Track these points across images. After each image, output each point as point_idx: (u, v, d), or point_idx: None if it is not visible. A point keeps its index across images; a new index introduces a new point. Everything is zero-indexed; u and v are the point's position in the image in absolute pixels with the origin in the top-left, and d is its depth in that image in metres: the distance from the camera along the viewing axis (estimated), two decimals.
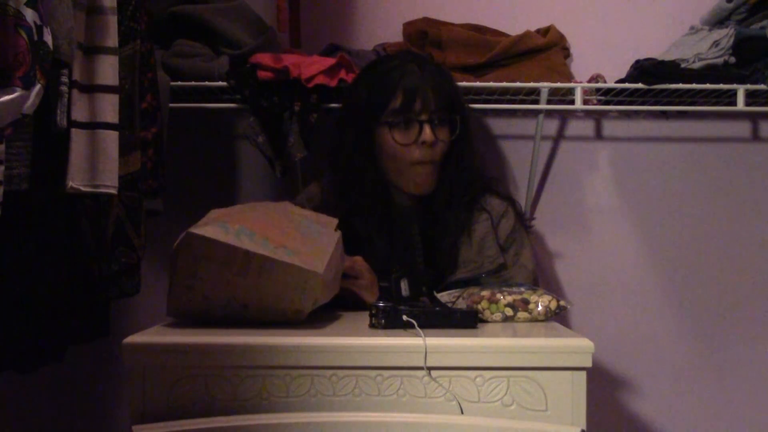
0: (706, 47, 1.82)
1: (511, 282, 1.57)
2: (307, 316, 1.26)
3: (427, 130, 1.60)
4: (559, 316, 1.40)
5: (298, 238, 1.32)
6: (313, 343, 1.16)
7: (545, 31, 1.98)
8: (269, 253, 1.21)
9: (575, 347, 1.17)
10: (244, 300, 1.24)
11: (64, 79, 1.27)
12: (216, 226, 1.24)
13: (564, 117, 2.06)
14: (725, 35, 1.81)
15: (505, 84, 1.84)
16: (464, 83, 1.81)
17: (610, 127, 2.08)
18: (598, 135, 2.08)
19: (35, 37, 1.14)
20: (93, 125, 1.33)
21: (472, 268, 1.61)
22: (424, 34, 1.95)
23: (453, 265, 1.61)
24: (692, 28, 1.94)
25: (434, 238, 1.61)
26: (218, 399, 1.15)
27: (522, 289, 1.40)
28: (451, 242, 1.62)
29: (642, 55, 1.89)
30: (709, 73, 1.81)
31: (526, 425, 1.14)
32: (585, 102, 1.90)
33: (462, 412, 1.15)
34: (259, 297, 1.24)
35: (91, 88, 1.34)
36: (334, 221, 1.46)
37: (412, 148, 1.61)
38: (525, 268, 1.66)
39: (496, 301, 1.36)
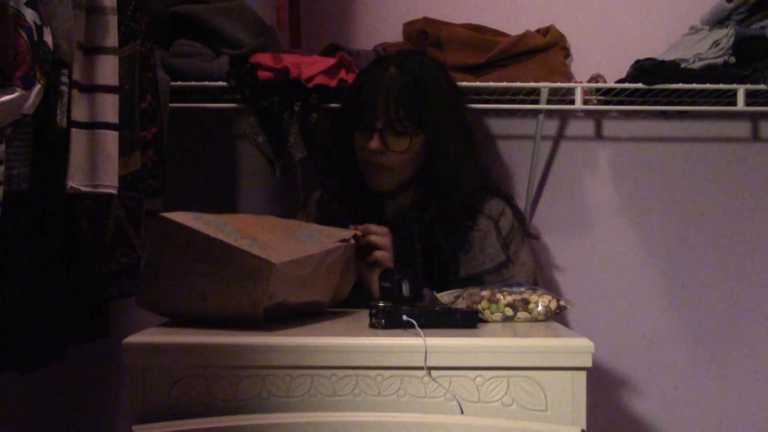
0: (706, 47, 1.82)
1: (511, 281, 1.57)
2: (266, 315, 1.23)
3: (374, 139, 1.61)
4: (559, 316, 1.40)
5: (281, 237, 1.31)
6: (313, 343, 1.16)
7: (545, 31, 1.98)
8: (230, 240, 1.21)
9: (575, 347, 1.17)
10: (203, 289, 1.24)
11: (64, 79, 1.27)
12: (189, 215, 1.25)
13: (564, 117, 2.06)
14: (725, 35, 1.81)
15: (505, 84, 1.84)
16: (464, 83, 1.81)
17: (610, 127, 2.08)
18: (598, 135, 2.08)
19: (35, 37, 1.14)
20: (93, 125, 1.34)
21: (472, 266, 1.61)
22: (424, 34, 1.95)
23: (454, 266, 1.61)
24: (692, 28, 1.94)
25: (433, 244, 1.60)
26: (218, 399, 1.15)
27: (522, 289, 1.40)
28: (449, 250, 1.62)
29: (642, 55, 1.89)
30: (709, 73, 1.81)
31: (526, 425, 1.14)
32: (585, 102, 1.90)
33: (462, 412, 1.15)
34: (217, 285, 1.23)
35: (91, 88, 1.34)
36: (346, 233, 1.45)
37: (365, 151, 1.63)
38: (525, 265, 1.66)
39: (496, 301, 1.36)
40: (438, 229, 1.61)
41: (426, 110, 1.61)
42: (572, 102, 1.87)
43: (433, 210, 1.62)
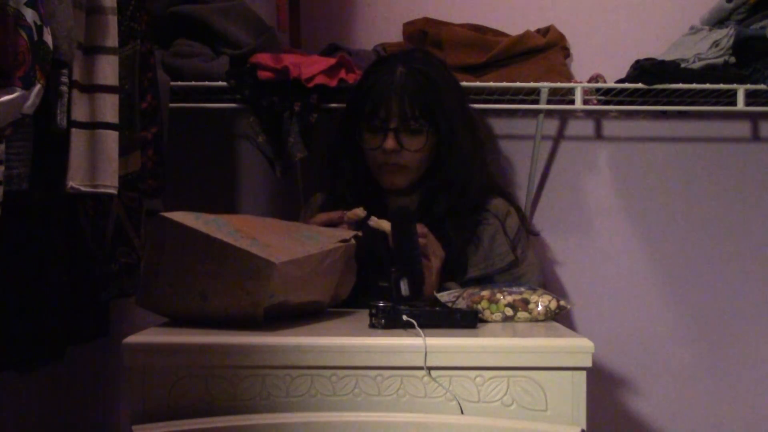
0: (706, 47, 1.82)
1: (518, 281, 1.57)
2: (266, 315, 1.23)
3: (389, 139, 1.60)
4: (559, 316, 1.40)
5: (282, 237, 1.31)
6: (313, 343, 1.16)
7: (545, 31, 1.98)
8: (230, 240, 1.21)
9: (575, 347, 1.17)
10: (203, 289, 1.23)
11: (64, 79, 1.27)
12: (189, 214, 1.25)
13: (564, 117, 2.06)
14: (725, 35, 1.81)
15: (505, 84, 1.84)
16: (464, 83, 1.80)
17: (610, 127, 2.08)
18: (598, 135, 2.08)
19: (35, 37, 1.14)
20: (93, 125, 1.33)
21: (483, 266, 1.62)
22: (424, 34, 1.95)
23: (463, 268, 1.61)
24: (692, 28, 1.94)
25: (443, 239, 1.60)
26: (218, 399, 1.15)
27: (522, 289, 1.40)
28: (458, 250, 1.62)
29: (642, 55, 1.89)
30: (709, 73, 1.81)
31: (526, 425, 1.14)
32: (585, 102, 1.90)
33: (462, 412, 1.15)
34: (217, 285, 1.23)
35: (91, 88, 1.34)
36: (347, 233, 1.44)
37: (379, 152, 1.62)
38: (534, 265, 1.68)
39: (496, 301, 1.36)
40: (449, 225, 1.61)
41: (438, 107, 1.62)
42: (572, 102, 1.87)
43: (443, 206, 1.62)
